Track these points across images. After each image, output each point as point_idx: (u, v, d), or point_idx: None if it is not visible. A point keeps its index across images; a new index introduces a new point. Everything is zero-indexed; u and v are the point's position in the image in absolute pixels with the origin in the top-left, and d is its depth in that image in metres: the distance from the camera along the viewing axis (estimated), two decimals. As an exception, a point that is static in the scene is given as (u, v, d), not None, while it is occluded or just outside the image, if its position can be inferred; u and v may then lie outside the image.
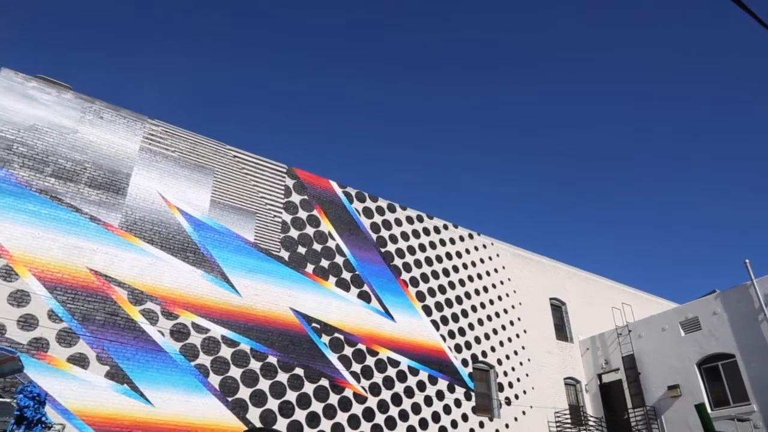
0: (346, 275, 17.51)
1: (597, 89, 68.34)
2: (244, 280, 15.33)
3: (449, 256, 20.65)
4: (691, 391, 18.93)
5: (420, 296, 19.00)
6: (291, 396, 14.87)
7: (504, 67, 71.45)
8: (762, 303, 17.74)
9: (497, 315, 20.88)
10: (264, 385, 14.56)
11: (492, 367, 19.80)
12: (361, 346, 16.75)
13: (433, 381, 17.89)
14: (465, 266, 20.93)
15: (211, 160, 16.39)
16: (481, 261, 21.57)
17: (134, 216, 14.36)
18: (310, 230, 17.41)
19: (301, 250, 16.91)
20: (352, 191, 19.12)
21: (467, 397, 18.47)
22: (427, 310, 18.94)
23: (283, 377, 14.93)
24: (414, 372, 17.58)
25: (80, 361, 12.26)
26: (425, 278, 19.48)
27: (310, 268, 16.83)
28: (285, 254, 16.51)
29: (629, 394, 20.74)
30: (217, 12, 66.03)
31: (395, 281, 18.64)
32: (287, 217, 17.10)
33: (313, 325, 16.05)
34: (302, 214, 17.49)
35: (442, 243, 20.76)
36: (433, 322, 18.88)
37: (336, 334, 16.38)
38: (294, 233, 17.00)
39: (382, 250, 18.86)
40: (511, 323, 21.15)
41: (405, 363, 17.49)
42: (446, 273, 20.21)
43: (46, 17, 58.68)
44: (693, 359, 19.21)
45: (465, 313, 19.95)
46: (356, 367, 16.37)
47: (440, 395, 17.84)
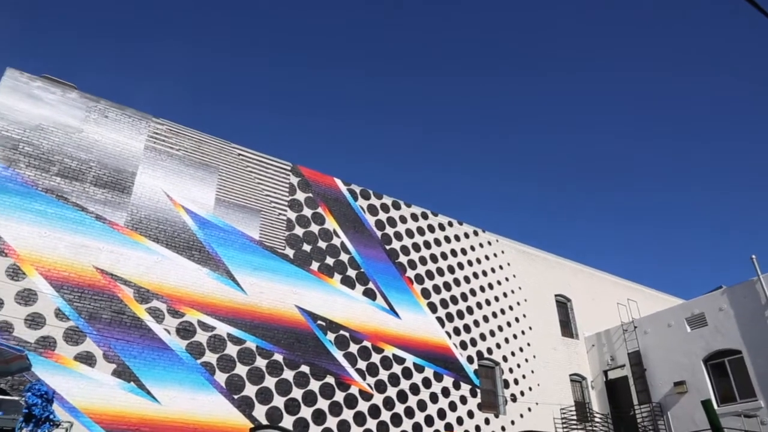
0: (351, 273, 17.53)
1: (598, 88, 68.18)
2: (249, 278, 15.37)
3: (454, 253, 20.64)
4: (698, 387, 18.88)
5: (425, 293, 19.00)
6: (297, 393, 14.91)
7: (504, 67, 71.36)
8: (769, 299, 17.66)
9: (502, 312, 20.86)
10: (270, 382, 14.60)
11: (497, 363, 19.79)
12: (366, 343, 16.77)
13: (438, 378, 17.90)
14: (470, 263, 20.92)
15: (216, 159, 16.41)
16: (486, 258, 21.55)
17: (140, 215, 14.40)
18: (314, 228, 17.42)
19: (306, 247, 16.93)
20: (357, 189, 19.12)
21: (473, 394, 18.48)
22: (433, 307, 18.93)
23: (288, 375, 14.97)
24: (419, 369, 17.59)
25: (87, 359, 12.33)
26: (430, 275, 19.48)
27: (315, 265, 16.85)
28: (290, 252, 16.53)
29: (635, 391, 20.71)
30: (220, 12, 66.13)
31: (400, 278, 18.65)
32: (292, 215, 17.12)
33: (319, 322, 16.07)
34: (307, 212, 17.50)
35: (447, 240, 20.74)
36: (439, 319, 18.89)
37: (341, 332, 16.41)
38: (299, 231, 17.02)
39: (387, 247, 18.87)
40: (517, 320, 21.14)
41: (410, 360, 17.51)
42: (451, 270, 20.20)
43: (46, 17, 58.86)
44: (699, 355, 19.15)
45: (470, 310, 19.94)
46: (362, 365, 16.40)
47: (446, 392, 17.86)
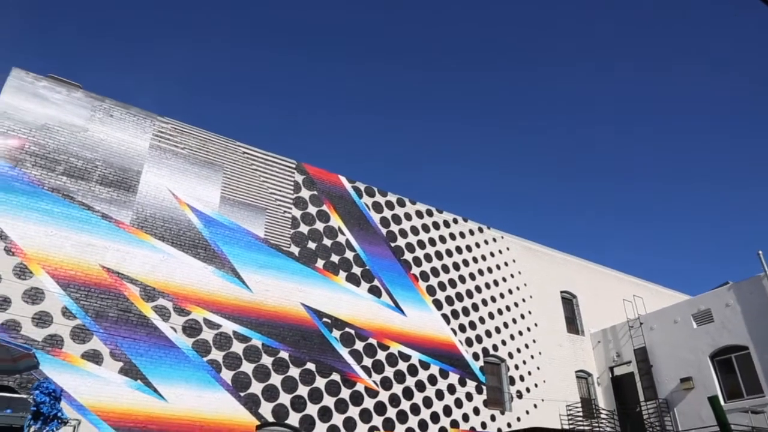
0: (357, 270, 17.54)
1: (604, 85, 67.88)
2: (254, 276, 15.40)
3: (459, 250, 20.63)
4: (704, 383, 18.82)
5: (430, 290, 19.01)
6: (303, 391, 14.95)
7: (509, 61, 71.11)
8: (776, 294, 17.58)
9: (508, 308, 20.85)
10: (276, 380, 14.65)
11: (503, 360, 19.79)
12: (372, 340, 16.79)
13: (444, 375, 17.91)
14: (475, 260, 20.90)
15: (221, 157, 16.44)
16: (491, 254, 21.53)
17: (145, 213, 14.45)
18: (319, 225, 17.44)
19: (311, 245, 16.96)
20: (362, 186, 19.13)
21: (478, 391, 18.48)
22: (438, 304, 18.94)
23: (294, 372, 15.01)
24: (425, 366, 17.60)
25: (94, 357, 12.39)
26: (435, 272, 19.48)
27: (320, 263, 16.88)
28: (295, 250, 16.56)
29: (641, 387, 20.67)
30: (222, 9, 66.16)
31: (405, 275, 18.65)
32: (297, 213, 17.14)
33: (324, 320, 16.10)
34: (312, 210, 17.52)
35: (452, 237, 20.73)
36: (444, 316, 18.89)
37: (347, 329, 16.43)
38: (304, 229, 17.04)
39: (392, 244, 18.87)
40: (522, 316, 21.12)
41: (416, 357, 17.52)
42: (456, 267, 20.19)
43: (47, 16, 59.04)
44: (706, 351, 19.09)
45: (475, 307, 19.94)
46: (367, 362, 16.42)
47: (451, 389, 17.87)
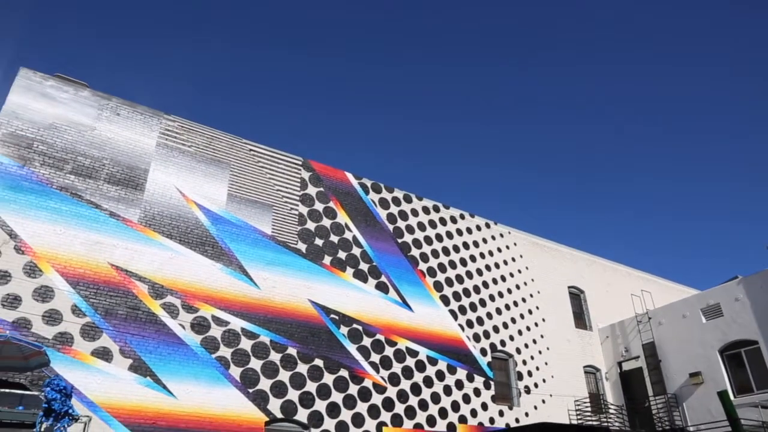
0: (364, 266, 17.56)
1: (614, 78, 67.50)
2: (262, 273, 15.45)
3: (466, 246, 20.60)
4: (714, 378, 18.73)
5: (438, 286, 19.00)
6: (311, 387, 15.00)
7: (516, 56, 70.80)
8: (786, 288, 17.45)
9: (515, 304, 20.82)
10: (284, 376, 14.70)
11: (511, 356, 19.77)
12: (379, 336, 16.82)
13: (452, 370, 17.92)
14: (482, 256, 20.87)
15: (228, 154, 16.48)
16: (499, 250, 21.49)
17: (153, 211, 14.52)
18: (326, 222, 17.46)
19: (318, 242, 16.98)
20: (368, 182, 19.13)
21: (486, 386, 18.48)
22: (445, 300, 18.93)
23: (302, 368, 15.06)
24: (433, 362, 17.62)
25: (104, 354, 12.48)
26: (443, 268, 19.47)
27: (327, 259, 16.90)
28: (302, 246, 16.59)
29: (650, 382, 20.60)
30: (226, 7, 66.22)
31: (413, 271, 18.65)
32: (304, 210, 17.17)
33: (332, 316, 16.14)
34: (319, 206, 17.54)
35: (459, 233, 20.71)
36: (452, 312, 18.88)
37: (354, 325, 16.46)
38: (311, 225, 17.07)
39: (399, 240, 18.87)
40: (530, 312, 21.08)
41: (424, 353, 17.54)
42: (464, 263, 20.17)
43: (47, 16, 59.30)
44: (715, 346, 18.99)
45: (483, 303, 19.91)
46: (375, 358, 16.45)
47: (459, 384, 17.87)
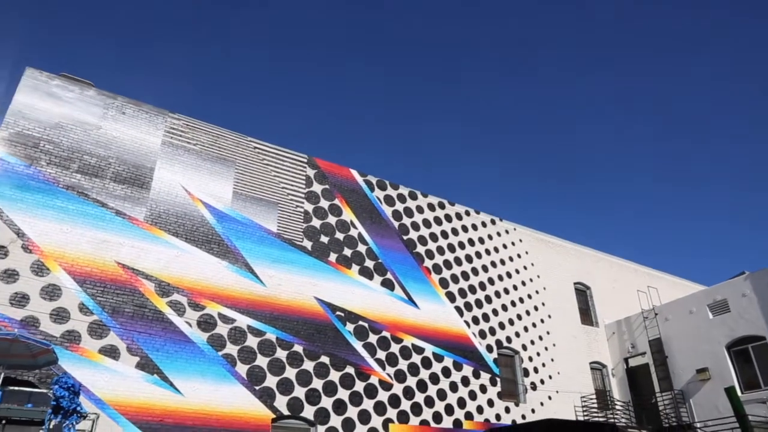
0: (369, 263, 17.57)
1: (618, 79, 67.15)
2: (268, 271, 15.48)
3: (471, 242, 20.58)
4: (721, 374, 18.66)
5: (443, 283, 18.99)
6: (317, 384, 15.04)
7: (520, 57, 70.57)
8: (793, 284, 17.35)
9: (521, 300, 20.79)
10: (290, 373, 14.74)
11: (517, 352, 19.75)
12: (385, 333, 16.83)
13: (458, 367, 17.92)
14: (488, 252, 20.85)
15: (233, 153, 16.51)
16: (504, 246, 21.45)
17: (159, 209, 14.57)
18: (332, 219, 17.48)
19: (324, 239, 17.00)
20: (373, 179, 19.12)
21: (492, 383, 18.48)
22: (451, 297, 18.93)
23: (309, 365, 15.10)
24: (439, 358, 17.63)
25: (111, 352, 12.55)
26: (448, 265, 19.46)
27: (333, 257, 16.92)
28: (308, 244, 16.61)
29: (657, 378, 20.54)
30: (231, 6, 66.23)
31: (418, 268, 18.65)
32: (309, 207, 17.18)
33: (338, 313, 16.16)
34: (324, 204, 17.56)
35: (464, 229, 20.68)
36: (457, 309, 18.88)
37: (360, 322, 16.48)
38: (316, 223, 17.09)
39: (405, 237, 18.87)
40: (536, 308, 21.05)
41: (429, 349, 17.54)
42: (469, 259, 20.15)
43: (48, 15, 59.45)
44: (722, 342, 18.92)
45: (489, 299, 19.90)
46: (381, 355, 16.47)
47: (465, 381, 17.88)
